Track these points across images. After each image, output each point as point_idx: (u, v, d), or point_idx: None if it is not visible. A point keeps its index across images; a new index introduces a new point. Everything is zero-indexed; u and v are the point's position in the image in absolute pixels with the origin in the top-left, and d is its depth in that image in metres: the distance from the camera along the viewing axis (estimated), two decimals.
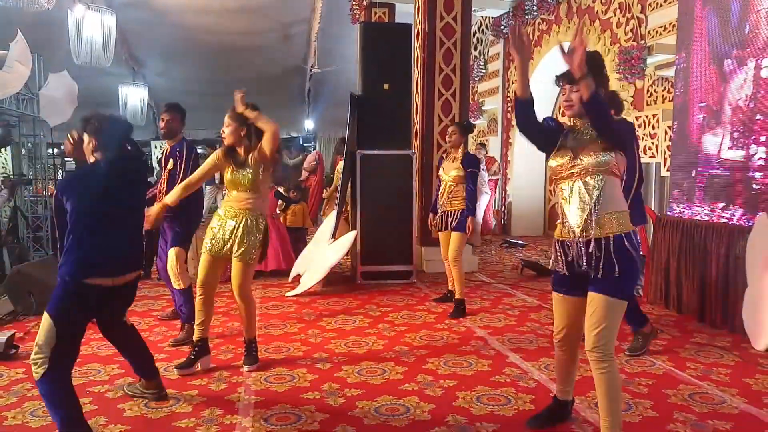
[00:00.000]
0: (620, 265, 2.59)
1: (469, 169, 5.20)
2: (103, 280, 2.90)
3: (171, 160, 4.55)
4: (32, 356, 2.81)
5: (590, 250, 2.63)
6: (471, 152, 5.50)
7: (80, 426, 2.81)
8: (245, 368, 3.89)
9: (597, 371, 2.63)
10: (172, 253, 4.44)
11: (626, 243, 2.61)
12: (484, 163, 10.13)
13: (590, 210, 2.64)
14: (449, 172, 5.33)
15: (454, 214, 5.25)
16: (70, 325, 2.85)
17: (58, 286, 2.88)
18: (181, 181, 4.18)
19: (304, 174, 10.56)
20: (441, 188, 5.43)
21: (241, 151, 3.85)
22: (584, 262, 2.65)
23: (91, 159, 3.04)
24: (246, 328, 3.98)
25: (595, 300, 2.62)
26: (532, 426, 3.06)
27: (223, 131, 3.88)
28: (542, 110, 2.95)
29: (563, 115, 2.88)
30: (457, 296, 5.31)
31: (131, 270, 3.05)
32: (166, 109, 4.69)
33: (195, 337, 3.93)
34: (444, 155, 5.65)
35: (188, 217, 4.55)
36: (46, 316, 2.83)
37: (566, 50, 2.56)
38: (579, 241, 2.67)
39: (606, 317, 2.60)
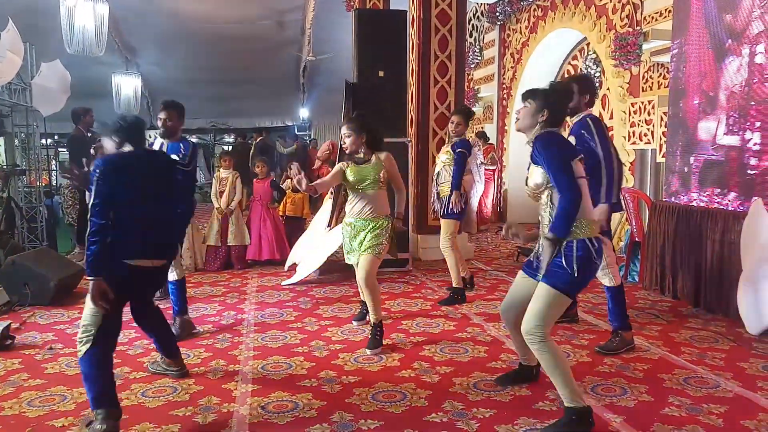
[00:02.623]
0: (565, 263, 2.79)
1: (458, 150, 5.19)
2: (144, 262, 3.04)
3: (174, 156, 4.50)
4: (79, 335, 2.93)
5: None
6: (466, 139, 5.45)
7: (116, 403, 2.92)
8: (367, 351, 4.00)
9: (533, 351, 2.90)
10: None
11: (573, 248, 2.80)
12: (482, 151, 10.11)
13: (547, 217, 2.91)
14: (440, 156, 5.40)
15: (444, 201, 5.29)
16: (115, 305, 2.95)
17: None
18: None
19: (317, 163, 10.55)
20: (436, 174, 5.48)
21: (361, 154, 4.17)
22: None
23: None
24: (371, 312, 4.17)
25: (538, 287, 2.89)
26: (499, 383, 3.41)
27: (344, 141, 4.18)
28: None
29: None
30: (454, 284, 5.31)
31: (166, 256, 3.20)
32: (164, 107, 4.52)
33: (374, 321, 4.16)
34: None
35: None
36: (89, 301, 2.91)
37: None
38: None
39: (539, 303, 2.84)
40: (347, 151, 4.23)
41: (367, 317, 4.33)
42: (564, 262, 2.80)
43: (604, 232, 4.02)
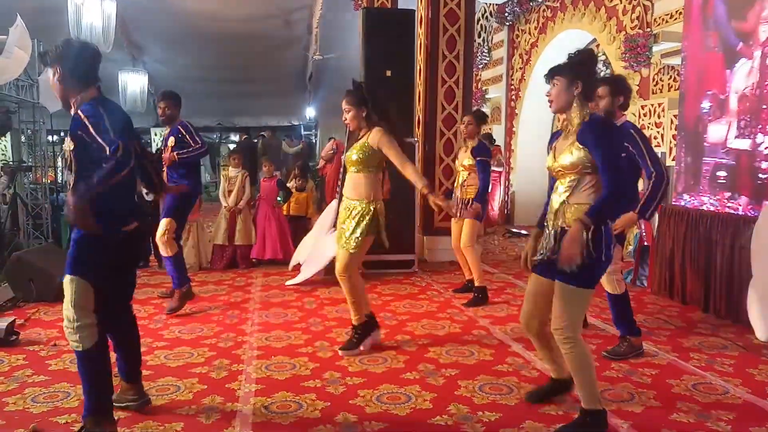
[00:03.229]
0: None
1: (478, 158, 5.18)
2: (129, 226, 2.82)
3: (172, 138, 4.94)
4: (72, 324, 2.60)
5: (556, 239, 2.81)
6: (483, 142, 5.46)
7: (111, 411, 2.74)
8: (339, 352, 3.95)
9: (563, 351, 2.83)
10: (163, 222, 4.76)
11: (587, 235, 2.66)
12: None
13: (561, 203, 2.82)
14: (462, 160, 5.36)
15: (467, 203, 5.25)
16: (104, 276, 2.68)
17: (77, 242, 2.67)
18: (195, 151, 4.83)
19: (321, 162, 10.53)
20: (456, 178, 5.48)
21: (360, 132, 3.93)
22: (551, 249, 2.83)
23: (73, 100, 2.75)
24: (355, 313, 4.05)
25: (556, 286, 2.80)
26: (530, 399, 3.23)
27: (345, 118, 3.95)
28: (545, 98, 2.95)
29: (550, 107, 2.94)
30: (476, 284, 5.28)
31: (141, 217, 2.97)
32: (162, 97, 5.08)
33: (361, 318, 4.03)
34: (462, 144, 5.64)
35: (183, 194, 4.84)
36: (72, 280, 2.64)
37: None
38: (551, 231, 2.86)
39: (561, 302, 2.77)
40: (350, 129, 4.03)
41: (361, 346, 4.00)
42: (584, 256, 2.66)
43: (618, 237, 3.93)
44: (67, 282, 2.66)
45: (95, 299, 2.66)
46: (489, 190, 5.30)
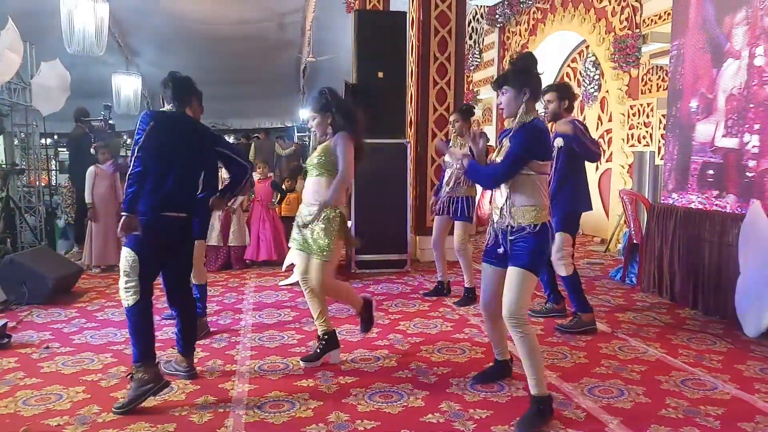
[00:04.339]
0: (528, 245, 2.95)
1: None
2: (172, 214, 3.28)
3: None
4: (122, 285, 3.16)
5: (506, 235, 3.03)
6: None
7: (153, 357, 3.18)
8: (301, 363, 3.80)
9: (513, 336, 2.97)
10: (198, 245, 4.22)
11: (534, 230, 2.95)
12: None
13: (504, 203, 3.03)
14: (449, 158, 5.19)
15: (457, 201, 5.17)
16: (149, 251, 3.20)
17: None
18: None
19: None
20: (447, 175, 5.27)
21: (326, 138, 3.84)
22: (502, 243, 3.07)
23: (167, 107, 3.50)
24: (351, 306, 4.09)
25: (508, 273, 3.00)
26: (477, 382, 3.46)
27: (311, 125, 3.95)
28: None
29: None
30: (467, 285, 5.28)
31: (188, 209, 3.38)
32: None
33: (320, 332, 3.84)
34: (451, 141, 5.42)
35: (205, 210, 4.55)
36: (125, 250, 3.20)
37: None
38: (499, 227, 3.07)
39: (512, 286, 2.94)
40: (318, 136, 3.92)
41: (327, 358, 3.84)
42: (531, 246, 2.94)
43: (570, 227, 4.40)
44: (122, 252, 3.23)
45: (147, 271, 3.18)
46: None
